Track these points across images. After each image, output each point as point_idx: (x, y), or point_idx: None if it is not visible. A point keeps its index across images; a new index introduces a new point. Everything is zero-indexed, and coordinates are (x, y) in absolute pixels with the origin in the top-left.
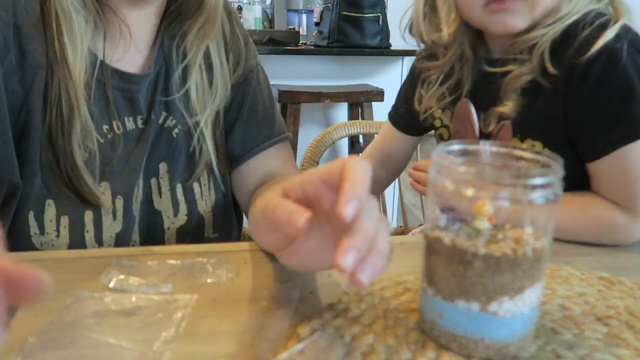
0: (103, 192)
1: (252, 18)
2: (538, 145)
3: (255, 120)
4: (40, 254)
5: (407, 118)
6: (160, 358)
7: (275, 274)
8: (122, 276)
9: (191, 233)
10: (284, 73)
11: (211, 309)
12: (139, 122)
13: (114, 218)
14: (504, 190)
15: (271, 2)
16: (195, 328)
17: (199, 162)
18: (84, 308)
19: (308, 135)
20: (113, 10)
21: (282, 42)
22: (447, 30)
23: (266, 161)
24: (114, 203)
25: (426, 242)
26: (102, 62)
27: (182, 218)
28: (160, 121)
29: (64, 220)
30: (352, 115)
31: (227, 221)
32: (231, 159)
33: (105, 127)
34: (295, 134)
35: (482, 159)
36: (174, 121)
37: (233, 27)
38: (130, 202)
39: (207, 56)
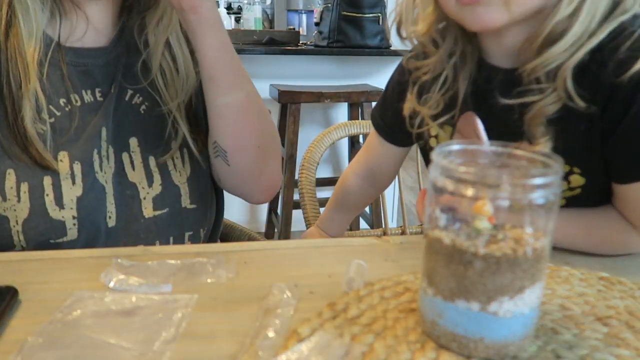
0: (61, 159)
1: (252, 18)
2: (565, 167)
3: None
4: (40, 253)
5: (394, 127)
6: (160, 358)
7: (276, 274)
8: (122, 276)
9: (168, 203)
10: (284, 73)
11: (211, 309)
12: (97, 94)
13: (73, 182)
14: (504, 190)
15: (271, 2)
16: (195, 328)
17: (172, 142)
18: (84, 308)
19: (308, 135)
20: (71, 1)
21: (282, 42)
22: (422, 24)
23: None
24: (71, 168)
25: (426, 242)
26: (58, 43)
27: (156, 188)
28: (127, 98)
29: (24, 187)
30: (352, 115)
31: (205, 193)
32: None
33: (62, 101)
34: (295, 134)
35: (482, 159)
36: (140, 98)
37: None
38: (90, 168)
39: (169, 48)
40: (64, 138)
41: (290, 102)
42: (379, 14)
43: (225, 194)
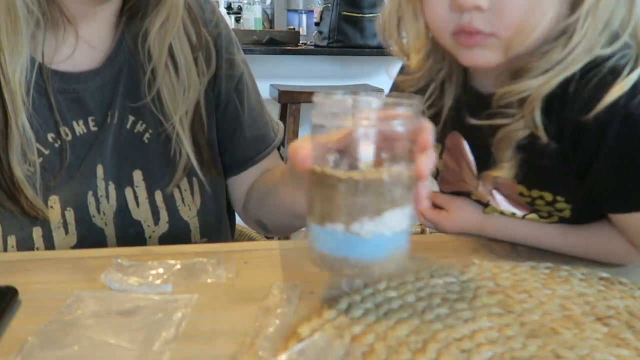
0: (52, 205)
1: (252, 18)
2: (547, 196)
3: (251, 130)
4: (40, 253)
5: None
6: (160, 358)
7: (275, 274)
8: (122, 276)
9: (176, 240)
10: (284, 73)
11: (211, 309)
12: (91, 124)
13: (66, 232)
14: (372, 120)
15: (271, 2)
16: (195, 328)
17: (177, 166)
18: (84, 308)
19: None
20: (60, 9)
21: (282, 42)
22: (415, 58)
23: (263, 165)
24: (63, 216)
25: (307, 175)
26: (41, 65)
27: (163, 226)
28: (128, 126)
29: (11, 240)
30: None
31: (217, 224)
32: (230, 167)
33: (50, 136)
34: (295, 134)
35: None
36: (143, 125)
37: (198, 31)
38: (85, 213)
39: (171, 55)
40: (55, 180)
41: (290, 102)
42: (379, 14)
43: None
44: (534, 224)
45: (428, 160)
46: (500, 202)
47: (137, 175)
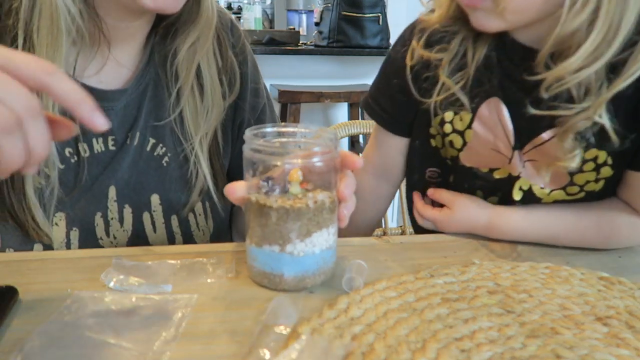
0: (57, 222)
1: (252, 18)
2: (602, 156)
3: None
4: (40, 254)
5: (396, 115)
6: (160, 358)
7: None
8: (122, 276)
9: None
10: (284, 73)
11: (211, 309)
12: (110, 143)
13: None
14: (296, 158)
15: (271, 2)
16: (195, 328)
17: (193, 189)
18: (84, 308)
19: None
20: (99, 26)
21: (282, 42)
22: (438, 12)
23: None
24: (67, 235)
25: (245, 204)
26: (72, 78)
27: None
28: (148, 148)
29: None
30: (352, 115)
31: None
32: None
33: (68, 151)
34: None
35: (284, 138)
36: (164, 149)
37: (225, 54)
38: (89, 233)
39: (197, 75)
40: (65, 198)
41: (290, 102)
42: (379, 14)
43: None
44: (547, 213)
45: (347, 185)
46: (533, 174)
47: (155, 199)
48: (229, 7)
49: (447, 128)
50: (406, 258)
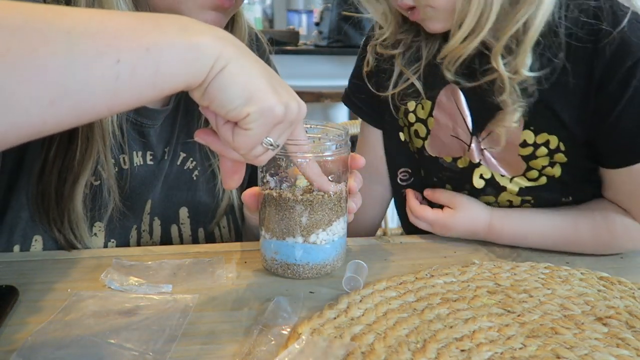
0: (96, 232)
1: (252, 18)
2: (553, 141)
3: None
4: (40, 253)
5: (370, 107)
6: (160, 358)
7: (275, 274)
8: (122, 276)
9: None
10: (284, 73)
11: (211, 309)
12: (148, 157)
13: None
14: (308, 152)
15: (271, 2)
16: (195, 328)
17: (220, 203)
18: (84, 308)
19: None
20: None
21: (282, 42)
22: (389, 30)
23: None
24: (105, 246)
25: (261, 198)
26: None
27: None
28: (179, 162)
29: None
30: (352, 115)
31: None
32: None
33: (111, 162)
34: None
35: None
36: (194, 163)
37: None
38: (124, 245)
39: None
40: (106, 207)
41: None
42: None
43: None
44: (545, 216)
45: (356, 179)
46: (491, 162)
47: (183, 212)
48: None
49: (411, 117)
50: (406, 258)
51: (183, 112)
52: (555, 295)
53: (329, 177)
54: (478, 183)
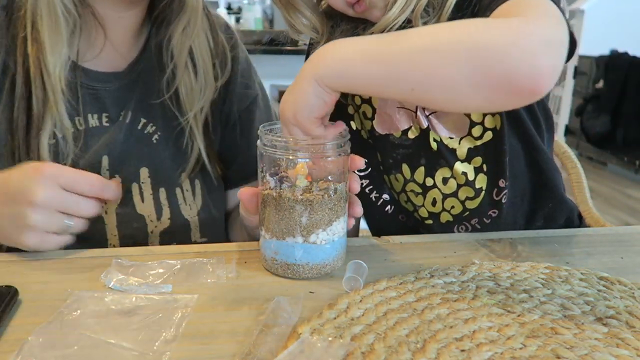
0: None
1: (252, 18)
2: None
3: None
4: (40, 254)
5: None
6: (160, 358)
7: (275, 276)
8: (122, 276)
9: (177, 236)
10: (284, 73)
11: (211, 309)
12: (104, 119)
13: None
14: (308, 152)
15: (271, 2)
16: (195, 328)
17: (189, 160)
18: (84, 308)
19: None
20: (92, 12)
21: (282, 42)
22: (323, 39)
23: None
24: None
25: (261, 198)
26: (74, 62)
27: (165, 221)
28: (139, 127)
29: None
30: None
31: (217, 225)
32: (227, 181)
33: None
34: None
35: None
36: (154, 127)
37: (216, 38)
38: None
39: (191, 57)
40: (64, 163)
41: None
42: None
43: None
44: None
45: (355, 180)
46: (438, 126)
47: (144, 173)
48: (229, 7)
49: (357, 99)
50: (406, 258)
51: (144, 81)
52: (555, 295)
53: (329, 177)
54: (434, 146)
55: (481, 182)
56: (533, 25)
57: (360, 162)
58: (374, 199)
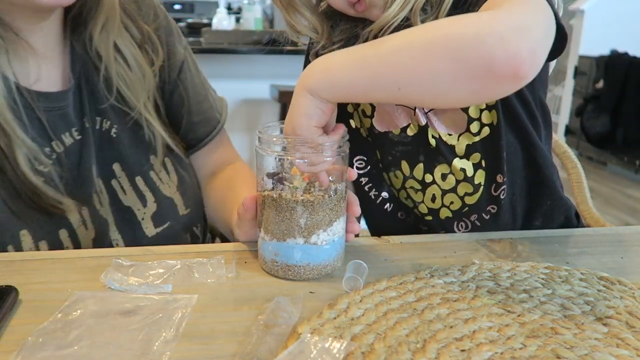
0: (69, 206)
1: (252, 18)
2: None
3: (197, 114)
4: (40, 253)
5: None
6: (160, 358)
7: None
8: (122, 276)
9: (166, 215)
10: (284, 73)
11: (211, 309)
12: (75, 134)
13: (86, 227)
14: (309, 153)
15: (271, 2)
16: (195, 328)
17: (157, 147)
18: (84, 308)
19: None
20: (12, 29)
21: (282, 42)
22: (322, 40)
23: (214, 145)
24: (80, 214)
25: (261, 200)
26: (19, 86)
27: (151, 206)
28: (97, 126)
29: (43, 246)
30: None
31: (195, 195)
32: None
33: (47, 150)
34: None
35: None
36: (108, 122)
37: (138, 26)
38: (94, 208)
39: (119, 51)
40: (64, 186)
41: (290, 102)
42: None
43: None
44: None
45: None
46: (437, 123)
47: (117, 167)
48: (229, 7)
49: (350, 108)
50: (406, 258)
51: (85, 81)
52: (555, 295)
53: (330, 178)
54: (433, 142)
55: (480, 177)
56: (504, 13)
57: (352, 173)
58: (373, 197)
